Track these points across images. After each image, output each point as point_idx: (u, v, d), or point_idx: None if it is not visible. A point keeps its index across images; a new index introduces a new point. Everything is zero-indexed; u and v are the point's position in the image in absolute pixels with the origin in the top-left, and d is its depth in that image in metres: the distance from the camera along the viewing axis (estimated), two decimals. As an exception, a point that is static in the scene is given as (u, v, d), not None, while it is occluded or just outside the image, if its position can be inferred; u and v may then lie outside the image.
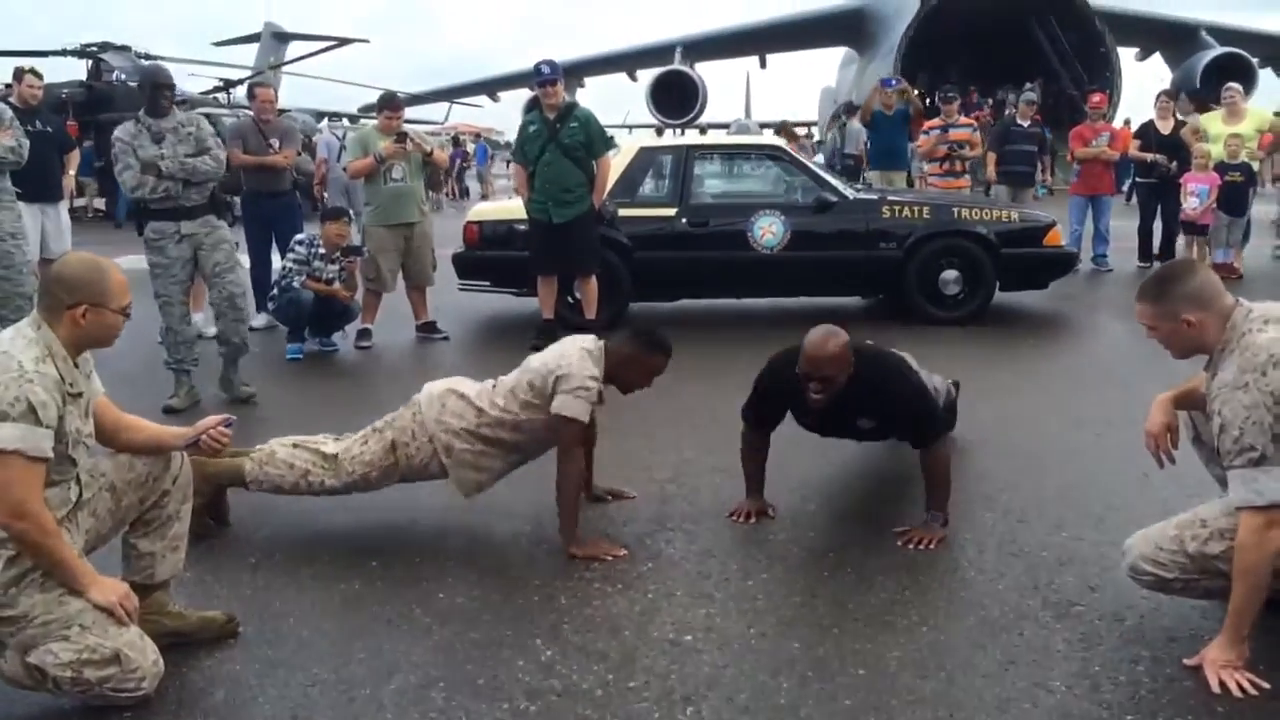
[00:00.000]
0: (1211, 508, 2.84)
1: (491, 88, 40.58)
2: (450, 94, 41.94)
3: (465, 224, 7.89)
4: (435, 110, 42.38)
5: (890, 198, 7.94)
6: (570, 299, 7.38)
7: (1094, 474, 4.30)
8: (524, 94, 24.64)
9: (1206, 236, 9.34)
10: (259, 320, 7.84)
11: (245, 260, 7.46)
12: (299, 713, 2.62)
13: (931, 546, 3.55)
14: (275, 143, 7.69)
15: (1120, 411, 5.21)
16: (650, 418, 4.96)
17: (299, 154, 8.90)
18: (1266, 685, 2.60)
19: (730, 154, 8.80)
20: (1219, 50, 29.72)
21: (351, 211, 7.91)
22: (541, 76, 6.83)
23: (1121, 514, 3.81)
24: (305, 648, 2.95)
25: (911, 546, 3.56)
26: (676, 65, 34.12)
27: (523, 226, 7.18)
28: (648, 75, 35.00)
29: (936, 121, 9.88)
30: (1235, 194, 9.29)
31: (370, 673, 2.81)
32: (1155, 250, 10.33)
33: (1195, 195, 9.27)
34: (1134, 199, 11.29)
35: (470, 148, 31.22)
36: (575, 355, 3.63)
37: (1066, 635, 2.94)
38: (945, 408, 4.44)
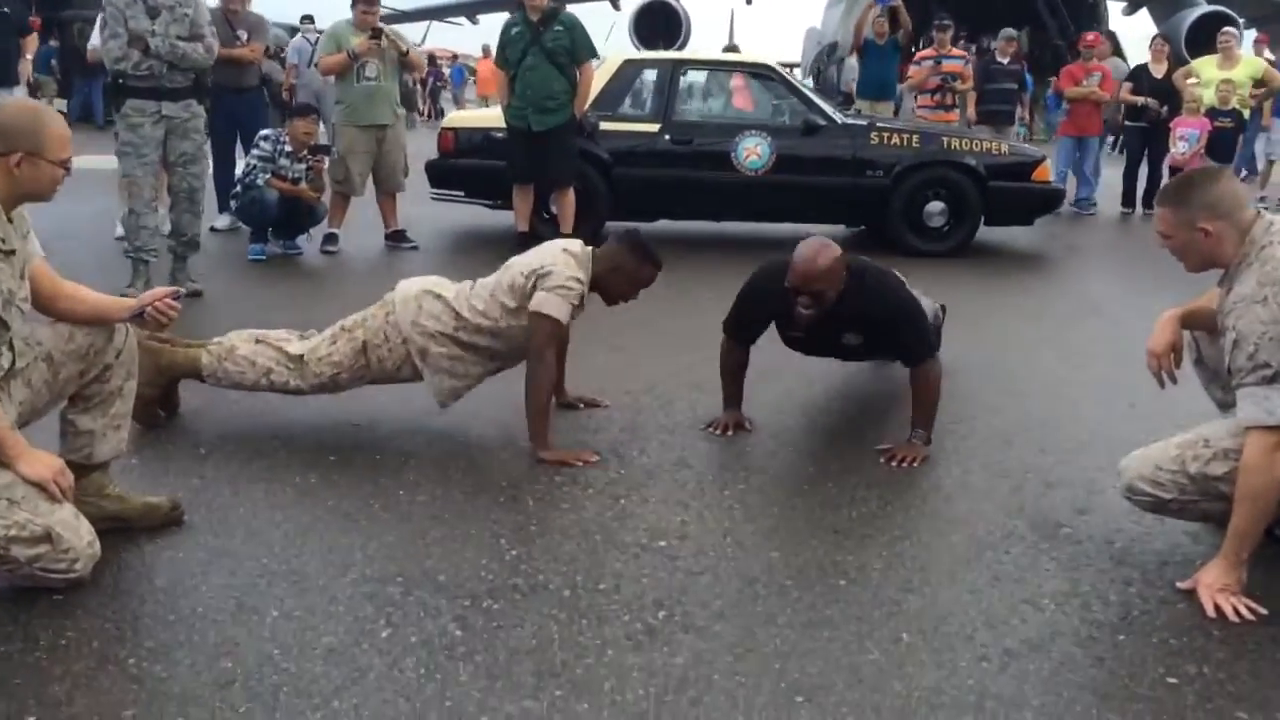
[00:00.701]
0: (1216, 427, 2.72)
1: (472, 9, 39.64)
2: (432, 13, 40.90)
3: (440, 130, 7.63)
4: (414, 30, 41.37)
5: (879, 124, 7.73)
6: (545, 214, 7.15)
7: (1079, 402, 4.19)
8: (504, 18, 23.99)
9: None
10: (221, 221, 7.58)
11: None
12: (245, 601, 2.45)
13: (914, 464, 3.42)
14: (243, 35, 7.35)
15: (1105, 346, 5.10)
16: (624, 333, 4.77)
17: (270, 56, 8.53)
18: (1264, 611, 2.50)
19: (717, 71, 8.50)
20: (1206, 8, 29.43)
21: (320, 114, 7.58)
22: (528, -30, 6.52)
23: (1108, 440, 3.68)
24: (255, 538, 2.78)
25: (894, 464, 3.43)
26: (662, -6, 33.38)
27: (500, 135, 6.92)
28: (631, 4, 34.24)
29: (929, 52, 9.64)
30: (1224, 141, 9.16)
31: (324, 565, 2.64)
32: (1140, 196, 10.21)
33: (1184, 140, 9.12)
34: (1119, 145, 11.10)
35: (446, 70, 30.56)
36: (559, 256, 3.45)
37: (1055, 555, 2.82)
38: (933, 330, 4.30)
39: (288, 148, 6.58)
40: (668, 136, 7.30)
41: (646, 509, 3.06)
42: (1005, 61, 10.65)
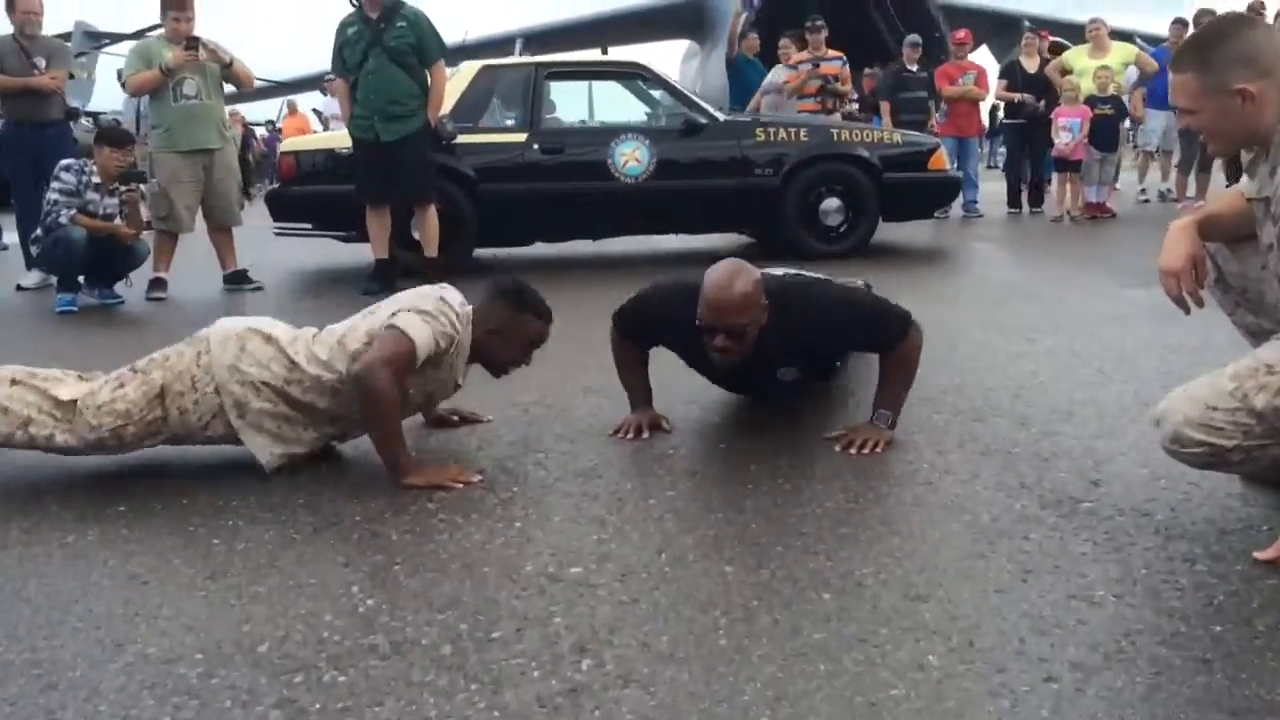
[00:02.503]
0: (1277, 349, 2.12)
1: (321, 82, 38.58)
2: (284, 88, 39.69)
3: (279, 155, 6.79)
4: (270, 107, 40.00)
5: (763, 119, 7.19)
6: (405, 240, 6.33)
7: (1045, 373, 3.60)
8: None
9: (1080, 173, 8.95)
10: (30, 278, 6.57)
11: None
12: (-52, 714, 1.61)
13: (877, 450, 2.75)
14: (41, 62, 6.42)
15: (1046, 321, 4.58)
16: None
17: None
18: (1382, 576, 1.88)
19: (587, 74, 7.85)
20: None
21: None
22: (364, -38, 5.78)
23: (1093, 408, 3.11)
24: (-12, 620, 1.93)
25: (853, 451, 2.75)
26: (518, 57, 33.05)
27: (346, 152, 6.13)
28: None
29: (805, 55, 9.18)
30: (1106, 128, 8.92)
31: (88, 647, 1.81)
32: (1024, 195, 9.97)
33: (1067, 129, 8.86)
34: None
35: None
36: (434, 302, 2.72)
37: (1087, 537, 2.17)
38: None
39: (95, 179, 5.65)
40: (536, 146, 6.61)
41: (550, 529, 2.31)
42: (915, 69, 10.16)
